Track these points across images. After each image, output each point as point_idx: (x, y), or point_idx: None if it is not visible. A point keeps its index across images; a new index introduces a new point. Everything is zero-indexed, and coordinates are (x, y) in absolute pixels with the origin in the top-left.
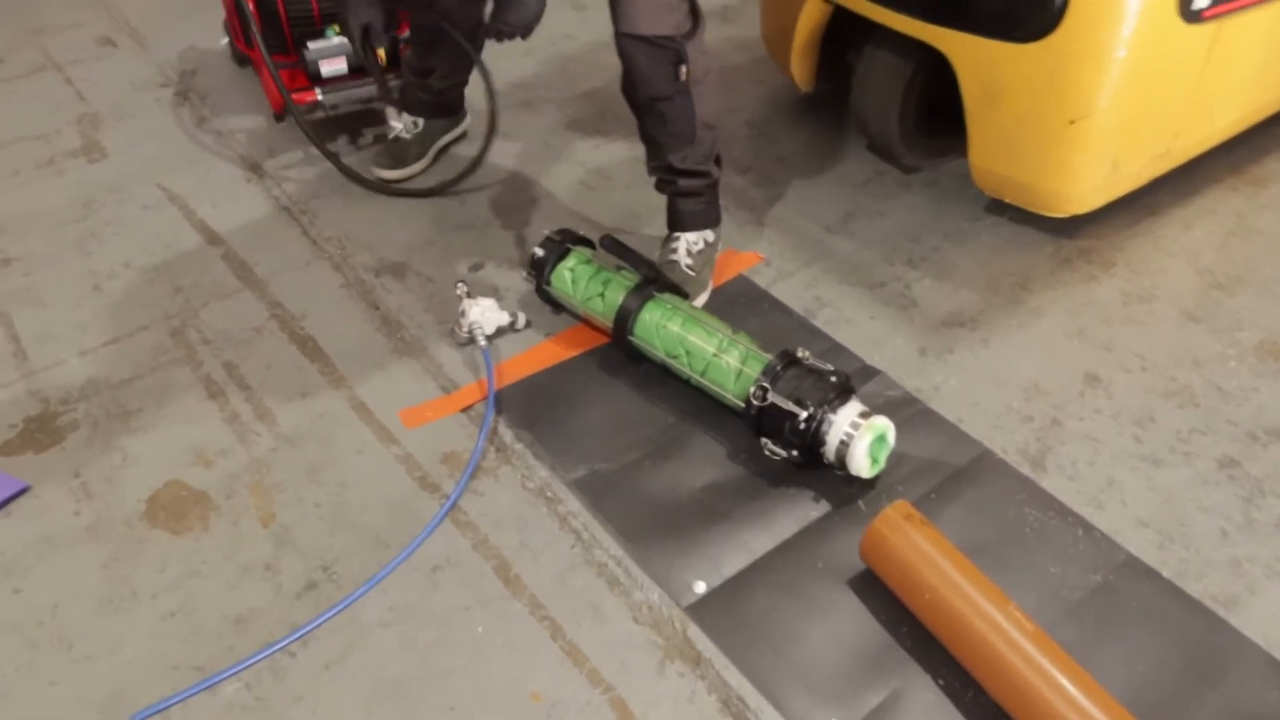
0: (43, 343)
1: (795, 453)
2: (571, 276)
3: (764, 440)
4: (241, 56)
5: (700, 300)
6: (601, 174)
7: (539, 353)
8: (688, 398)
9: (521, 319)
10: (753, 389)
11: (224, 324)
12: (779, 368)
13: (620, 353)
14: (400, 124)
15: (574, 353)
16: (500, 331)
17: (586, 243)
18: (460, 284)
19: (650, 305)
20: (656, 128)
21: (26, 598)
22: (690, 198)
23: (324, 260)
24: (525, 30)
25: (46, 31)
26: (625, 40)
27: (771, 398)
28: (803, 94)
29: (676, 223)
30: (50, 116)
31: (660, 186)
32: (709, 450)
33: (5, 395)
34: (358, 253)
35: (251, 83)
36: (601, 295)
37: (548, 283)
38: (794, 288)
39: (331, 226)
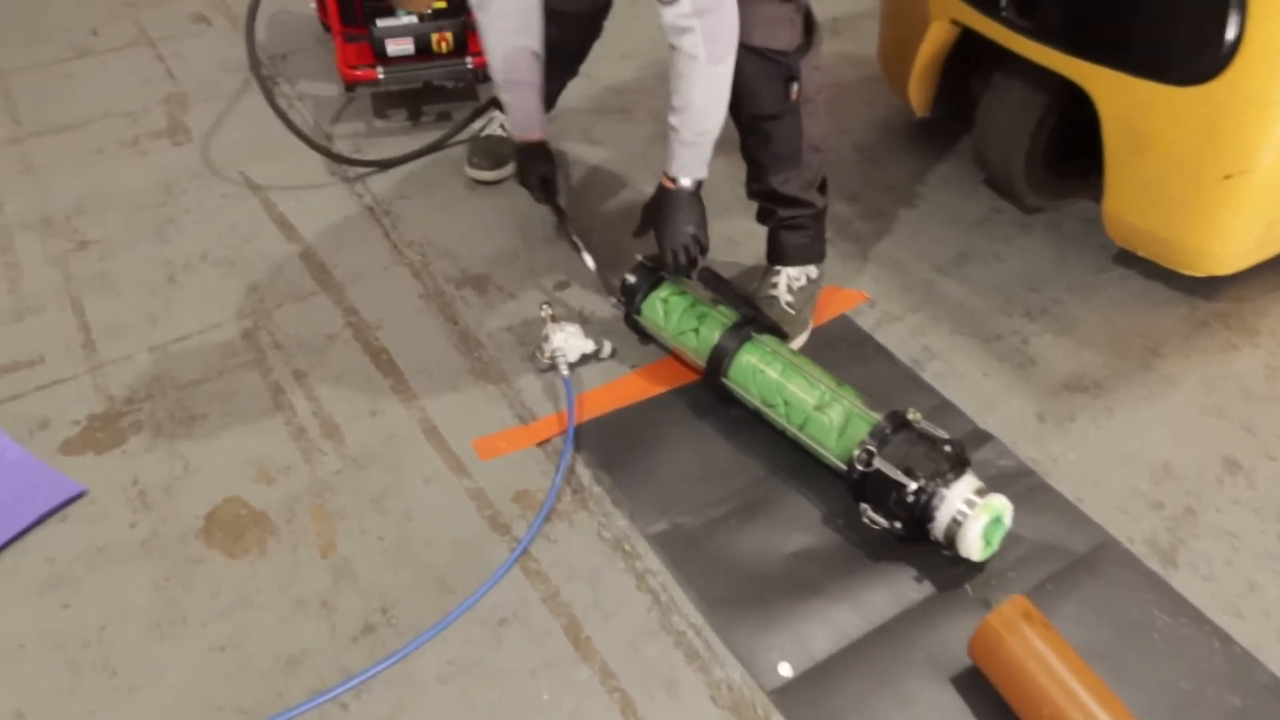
0: (113, 334)
1: (898, 525)
2: (664, 308)
3: (863, 506)
4: (326, 25)
5: (799, 341)
6: None
7: (623, 386)
8: (781, 449)
9: (607, 348)
10: (857, 452)
11: (297, 328)
12: (888, 431)
13: (710, 393)
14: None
15: (660, 389)
16: (584, 359)
17: None
18: (545, 305)
19: (748, 347)
20: (759, 147)
21: (74, 614)
22: (793, 230)
23: (404, 266)
24: (691, 244)
25: (142, 5)
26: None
27: (878, 463)
28: (916, 119)
29: (778, 256)
30: (139, 93)
31: (761, 217)
32: (801, 512)
33: (71, 389)
34: (439, 260)
35: None
36: (695, 330)
37: (638, 312)
38: (900, 333)
39: (414, 230)
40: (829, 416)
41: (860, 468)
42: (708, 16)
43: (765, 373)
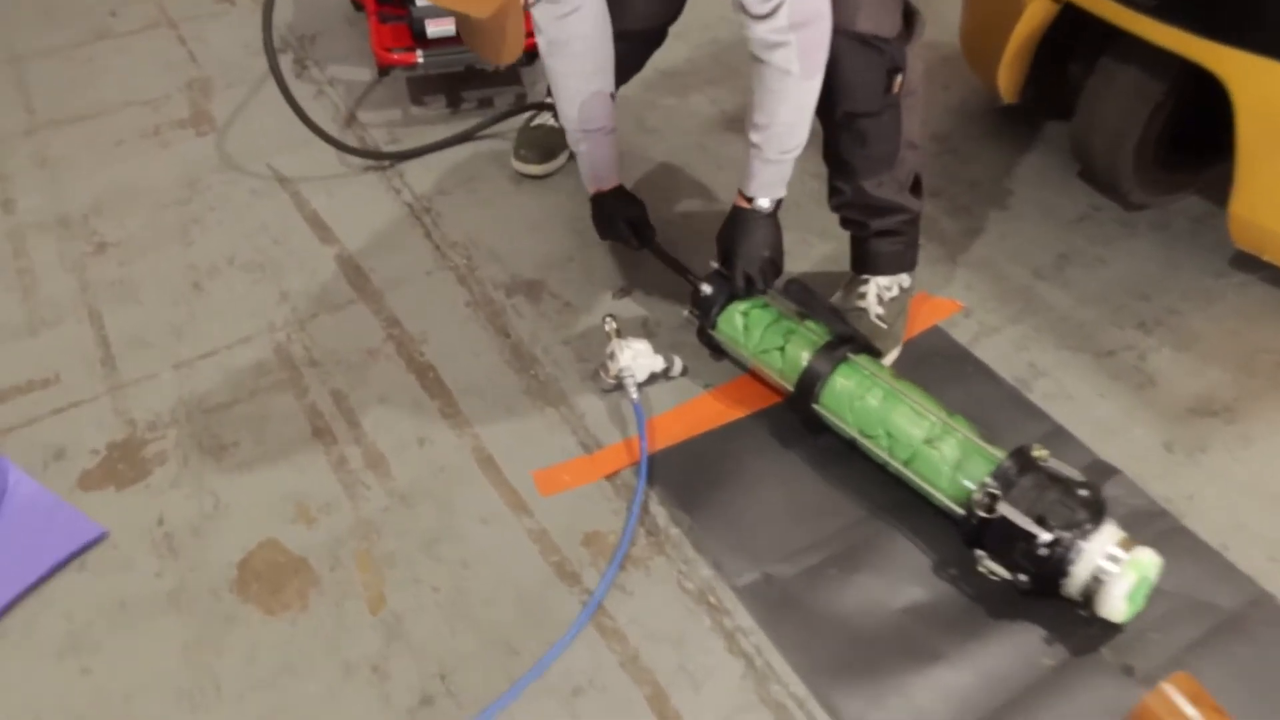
0: (134, 350)
1: (1023, 577)
2: (744, 322)
3: (979, 554)
4: (358, 4)
5: (891, 358)
6: None
7: (697, 409)
8: (879, 485)
9: (678, 365)
10: (977, 495)
11: (334, 342)
12: (1013, 471)
13: (795, 418)
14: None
15: (739, 413)
16: (652, 378)
17: None
18: (609, 319)
19: (844, 370)
20: (851, 148)
21: (96, 682)
22: (885, 236)
23: (448, 271)
24: (767, 267)
25: None
26: (834, 38)
27: (1002, 509)
28: (995, 105)
29: (866, 264)
30: (160, 79)
31: (846, 225)
32: (909, 559)
33: (90, 413)
34: (486, 264)
35: None
36: (780, 349)
37: (714, 326)
38: (1001, 347)
39: (458, 230)
40: (941, 452)
41: (981, 513)
42: (804, 30)
43: (864, 400)
